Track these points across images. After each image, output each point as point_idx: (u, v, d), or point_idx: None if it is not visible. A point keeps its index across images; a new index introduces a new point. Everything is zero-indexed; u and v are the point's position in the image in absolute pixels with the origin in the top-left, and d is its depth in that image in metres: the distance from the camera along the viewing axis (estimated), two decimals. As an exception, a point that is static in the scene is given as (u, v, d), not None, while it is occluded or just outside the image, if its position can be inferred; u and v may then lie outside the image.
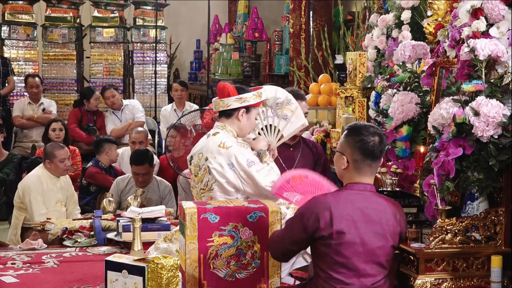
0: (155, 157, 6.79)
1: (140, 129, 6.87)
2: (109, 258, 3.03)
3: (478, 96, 3.03)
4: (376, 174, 3.75)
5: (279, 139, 4.07)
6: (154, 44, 9.40)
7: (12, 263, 4.06)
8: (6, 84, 8.39)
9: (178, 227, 3.61)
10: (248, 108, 3.70)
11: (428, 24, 4.01)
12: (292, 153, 4.46)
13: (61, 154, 5.29)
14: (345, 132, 2.91)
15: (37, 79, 8.10)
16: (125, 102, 8.14)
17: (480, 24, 3.10)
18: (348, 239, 2.72)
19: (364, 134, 2.82)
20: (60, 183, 5.38)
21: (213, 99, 3.79)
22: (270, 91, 4.04)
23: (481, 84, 3.05)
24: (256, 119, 3.83)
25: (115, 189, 5.59)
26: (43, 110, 7.91)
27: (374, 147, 2.81)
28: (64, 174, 5.42)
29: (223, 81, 3.94)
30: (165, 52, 9.92)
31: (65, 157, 5.34)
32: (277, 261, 3.19)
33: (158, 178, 5.77)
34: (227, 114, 3.70)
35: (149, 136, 7.47)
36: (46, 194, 5.23)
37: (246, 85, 4.28)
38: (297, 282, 3.53)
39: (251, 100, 3.68)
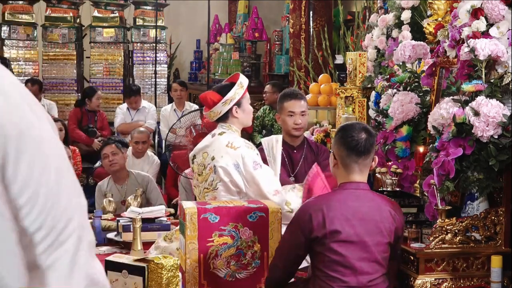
0: (155, 157, 6.80)
1: (141, 129, 6.87)
2: (109, 258, 3.03)
3: (478, 96, 3.03)
4: (377, 174, 3.76)
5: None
6: (154, 44, 9.40)
7: (12, 263, 4.06)
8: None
9: (178, 227, 3.61)
10: (238, 103, 3.67)
11: (428, 24, 4.01)
12: (296, 155, 4.45)
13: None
14: (336, 131, 2.95)
15: (37, 86, 8.05)
16: (143, 103, 8.14)
17: (480, 24, 3.10)
18: (343, 237, 2.73)
19: (349, 130, 2.85)
20: None
21: (204, 113, 3.77)
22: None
23: (481, 84, 3.05)
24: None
25: (99, 193, 5.51)
26: None
27: (357, 143, 2.82)
28: None
29: (222, 82, 3.91)
30: (165, 52, 9.92)
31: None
32: (283, 272, 2.96)
33: (135, 171, 5.69)
34: (223, 118, 3.69)
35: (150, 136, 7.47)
36: None
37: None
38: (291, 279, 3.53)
39: (236, 96, 3.64)
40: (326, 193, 2.98)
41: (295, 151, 4.45)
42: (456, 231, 2.98)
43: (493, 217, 3.01)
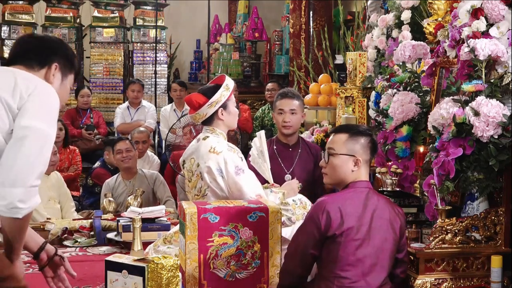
0: (155, 157, 6.80)
1: (141, 128, 6.87)
2: (109, 258, 3.03)
3: (478, 96, 3.03)
4: (377, 174, 3.77)
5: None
6: (154, 44, 9.40)
7: (12, 263, 4.06)
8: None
9: (177, 228, 3.61)
10: (224, 105, 3.65)
11: (428, 24, 4.01)
12: (291, 153, 4.47)
13: None
14: (347, 134, 2.91)
15: None
16: (143, 103, 8.13)
17: (480, 24, 3.10)
18: (355, 235, 2.75)
19: (368, 133, 2.94)
20: (51, 180, 5.35)
21: (189, 115, 3.74)
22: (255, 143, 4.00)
23: (481, 84, 3.05)
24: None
25: (107, 189, 5.55)
26: None
27: (377, 145, 2.98)
28: (52, 170, 5.38)
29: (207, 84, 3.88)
30: (165, 52, 9.91)
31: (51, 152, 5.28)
32: (295, 277, 2.94)
33: (145, 170, 5.73)
34: (209, 120, 3.67)
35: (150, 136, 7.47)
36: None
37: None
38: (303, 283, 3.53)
39: (222, 98, 3.61)
40: (337, 192, 2.97)
41: (290, 149, 4.47)
42: (456, 231, 2.98)
43: (493, 217, 3.01)
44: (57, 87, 2.55)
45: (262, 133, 3.93)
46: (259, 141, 3.90)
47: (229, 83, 3.66)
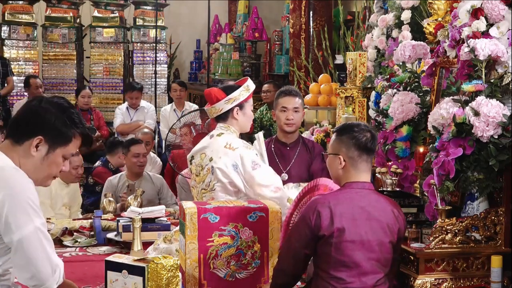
0: (158, 158, 6.80)
1: (146, 130, 6.89)
2: (109, 258, 3.03)
3: (478, 96, 3.03)
4: (377, 174, 3.76)
5: None
6: (154, 44, 9.40)
7: (12, 263, 4.05)
8: (6, 85, 8.40)
9: (178, 227, 3.61)
10: (241, 105, 3.71)
11: (428, 24, 4.01)
12: (289, 152, 4.46)
13: (74, 161, 5.26)
14: (336, 133, 2.95)
15: (38, 80, 8.16)
16: (142, 103, 8.13)
17: (480, 24, 3.10)
18: (349, 236, 2.73)
19: (356, 131, 2.87)
20: (70, 189, 5.41)
21: (205, 108, 3.79)
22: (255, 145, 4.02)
23: (481, 84, 3.05)
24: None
25: (109, 188, 5.57)
26: None
27: (368, 142, 2.85)
28: (75, 182, 5.44)
29: (223, 82, 3.94)
30: (165, 52, 9.92)
31: (79, 164, 5.32)
32: (290, 276, 2.92)
33: (150, 173, 5.75)
34: (223, 117, 3.71)
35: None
36: (53, 198, 5.25)
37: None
38: (297, 282, 3.53)
39: (241, 97, 3.69)
40: (333, 192, 2.96)
41: (288, 148, 4.47)
42: (456, 231, 2.98)
43: (493, 217, 3.01)
44: (36, 160, 2.43)
45: (260, 135, 3.97)
46: (258, 142, 3.93)
47: (250, 85, 3.77)
